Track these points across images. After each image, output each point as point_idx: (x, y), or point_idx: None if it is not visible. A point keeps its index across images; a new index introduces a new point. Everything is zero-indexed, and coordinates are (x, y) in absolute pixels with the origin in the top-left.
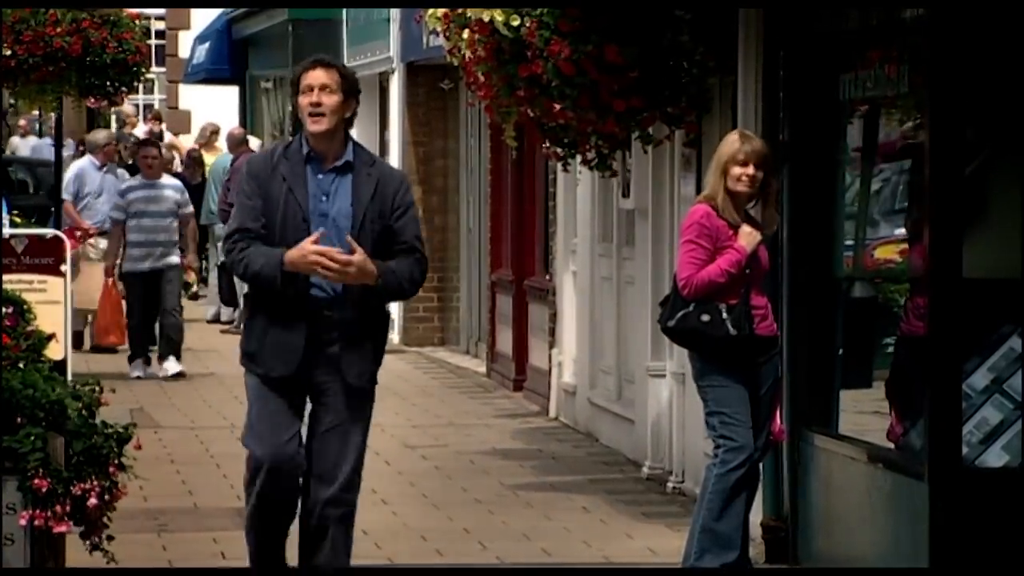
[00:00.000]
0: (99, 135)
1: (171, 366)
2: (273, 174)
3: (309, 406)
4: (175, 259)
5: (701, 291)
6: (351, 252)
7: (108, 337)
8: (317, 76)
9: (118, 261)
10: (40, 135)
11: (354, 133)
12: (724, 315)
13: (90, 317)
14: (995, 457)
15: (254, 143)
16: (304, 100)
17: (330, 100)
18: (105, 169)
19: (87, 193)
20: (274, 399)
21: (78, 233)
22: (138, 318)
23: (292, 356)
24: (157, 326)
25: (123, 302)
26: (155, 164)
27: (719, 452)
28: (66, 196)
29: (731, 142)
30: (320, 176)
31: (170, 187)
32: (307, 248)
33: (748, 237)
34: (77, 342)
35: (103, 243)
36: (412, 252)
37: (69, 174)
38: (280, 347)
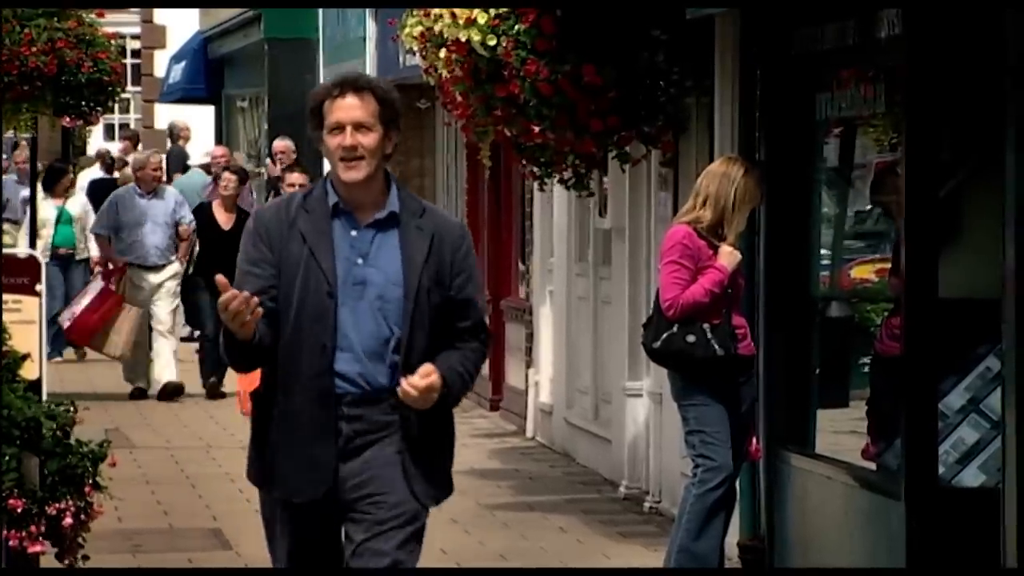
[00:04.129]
0: (138, 157)
1: None
2: (290, 232)
3: None
4: None
5: (687, 312)
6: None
7: (247, 404)
8: (349, 109)
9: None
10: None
11: None
12: (709, 335)
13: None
14: (972, 477)
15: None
16: (333, 142)
17: (369, 140)
18: (151, 196)
19: (126, 224)
20: (300, 537)
21: (97, 269)
22: None
23: (321, 475)
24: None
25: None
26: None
27: (698, 472)
28: (99, 229)
29: (753, 185)
30: (354, 233)
31: None
32: (225, 299)
33: (729, 256)
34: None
35: (150, 276)
36: (478, 335)
37: (105, 205)
38: (303, 462)
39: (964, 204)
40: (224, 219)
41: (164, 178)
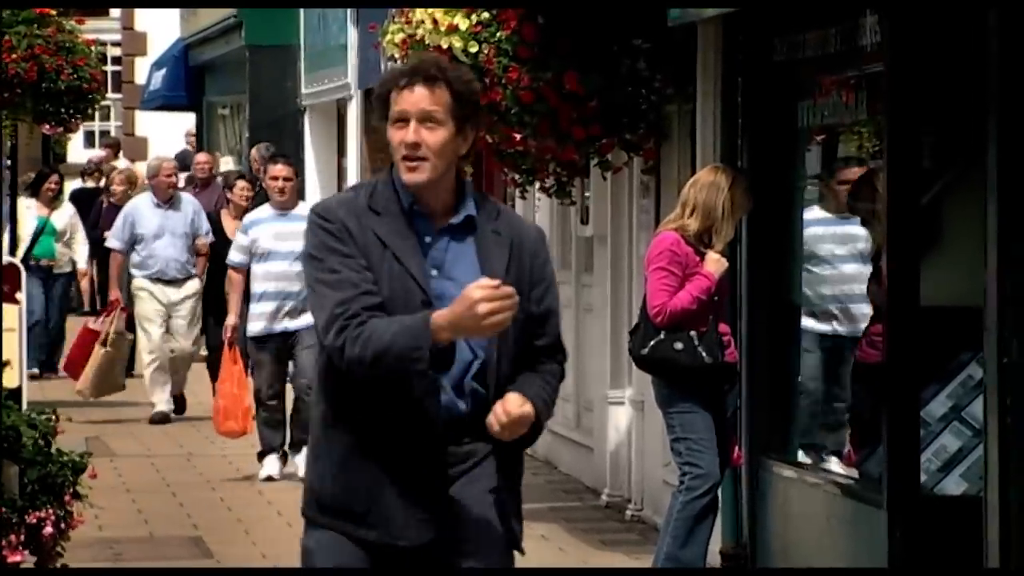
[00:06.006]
0: (151, 163)
1: (301, 460)
2: (366, 235)
3: None
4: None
5: (675, 319)
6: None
7: (227, 423)
8: (416, 99)
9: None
10: None
11: (311, 161)
12: (696, 343)
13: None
14: (954, 484)
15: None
16: (396, 136)
17: (435, 138)
18: (167, 206)
19: (142, 236)
20: None
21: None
22: (271, 399)
23: (428, 513)
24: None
25: (248, 378)
26: (288, 188)
27: (685, 479)
28: (114, 243)
29: (741, 194)
30: (427, 239)
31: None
32: (473, 296)
33: (716, 264)
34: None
35: (168, 291)
36: (556, 355)
37: (120, 217)
38: (408, 499)
39: (946, 211)
40: (233, 229)
41: (179, 184)
